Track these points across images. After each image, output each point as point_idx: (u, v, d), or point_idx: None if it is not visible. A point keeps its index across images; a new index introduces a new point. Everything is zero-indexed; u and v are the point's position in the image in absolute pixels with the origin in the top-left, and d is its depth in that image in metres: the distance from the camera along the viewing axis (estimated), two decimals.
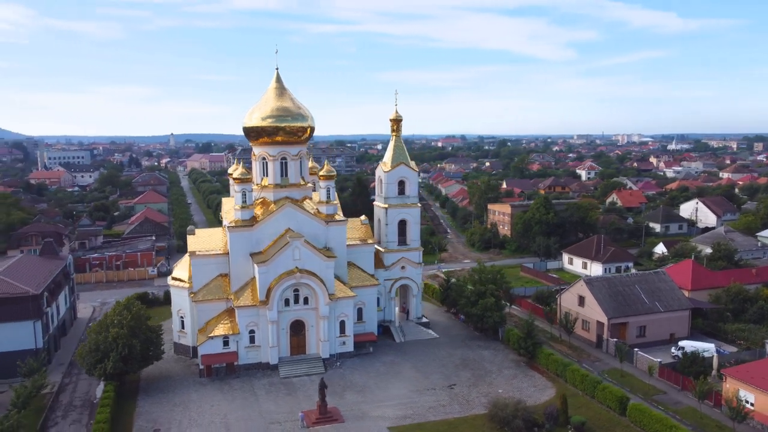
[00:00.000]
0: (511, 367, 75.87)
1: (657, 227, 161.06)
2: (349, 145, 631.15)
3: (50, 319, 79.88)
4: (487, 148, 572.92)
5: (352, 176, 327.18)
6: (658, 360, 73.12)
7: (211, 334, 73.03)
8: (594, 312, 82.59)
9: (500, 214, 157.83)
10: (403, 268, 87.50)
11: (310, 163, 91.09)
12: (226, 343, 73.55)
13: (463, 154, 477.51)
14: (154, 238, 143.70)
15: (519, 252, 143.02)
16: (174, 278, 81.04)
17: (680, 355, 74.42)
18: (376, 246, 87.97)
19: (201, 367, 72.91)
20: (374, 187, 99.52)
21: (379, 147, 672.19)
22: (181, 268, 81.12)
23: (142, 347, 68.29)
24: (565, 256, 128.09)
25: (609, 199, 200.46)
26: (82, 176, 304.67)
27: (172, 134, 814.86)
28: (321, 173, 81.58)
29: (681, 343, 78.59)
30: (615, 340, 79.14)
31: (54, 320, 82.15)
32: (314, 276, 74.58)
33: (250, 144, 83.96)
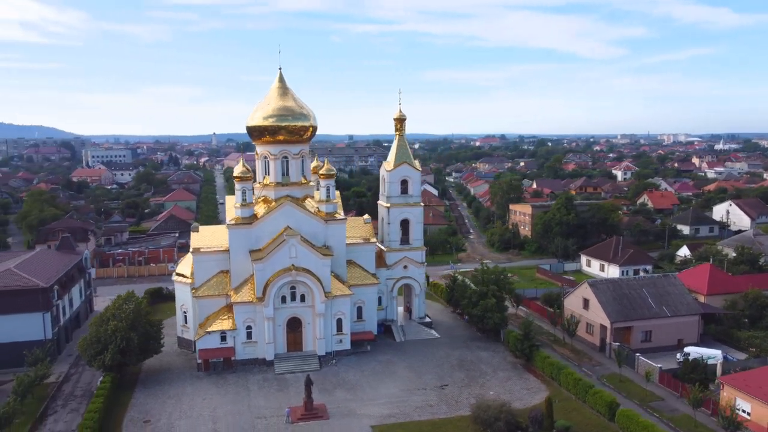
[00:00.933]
0: (507, 369, 74.98)
1: (686, 229, 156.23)
2: (386, 144, 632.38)
3: (61, 311, 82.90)
4: (526, 147, 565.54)
5: None
6: (659, 366, 71.07)
7: (209, 329, 74.59)
8: (598, 315, 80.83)
9: (521, 215, 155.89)
10: (405, 267, 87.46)
11: (316, 162, 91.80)
12: (223, 339, 74.99)
13: (500, 153, 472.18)
14: (177, 234, 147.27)
15: (538, 253, 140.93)
16: (178, 274, 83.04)
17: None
18: (379, 245, 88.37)
19: (199, 361, 74.52)
20: None
21: (416, 146, 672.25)
22: (185, 265, 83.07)
23: (140, 340, 70.03)
24: (583, 258, 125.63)
25: (640, 200, 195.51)
26: (122, 174, 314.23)
27: (214, 134, 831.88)
28: (321, 172, 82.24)
29: (687, 349, 76.25)
30: (617, 344, 77.28)
31: (66, 313, 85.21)
32: (310, 274, 75.30)
33: (254, 143, 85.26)
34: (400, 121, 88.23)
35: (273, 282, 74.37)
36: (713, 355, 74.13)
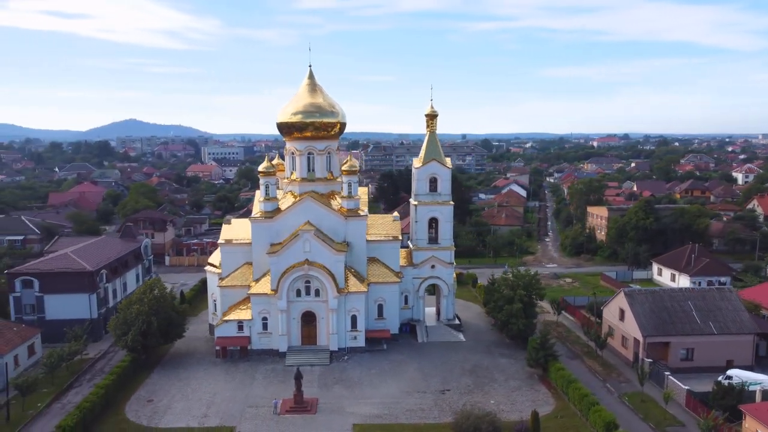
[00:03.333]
0: (521, 379, 70.90)
1: None
2: (495, 143, 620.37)
3: (110, 294, 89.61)
4: (648, 147, 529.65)
5: (479, 175, 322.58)
6: (686, 387, 63.93)
7: (226, 318, 77.41)
8: (632, 328, 74.25)
9: (598, 218, 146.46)
10: (433, 267, 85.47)
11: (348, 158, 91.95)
12: (240, 328, 77.48)
13: (613, 154, 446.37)
14: None
15: (611, 259, 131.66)
16: (210, 264, 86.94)
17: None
18: (409, 243, 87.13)
19: (217, 348, 77.53)
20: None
21: (528, 145, 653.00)
22: (216, 255, 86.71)
23: (161, 324, 74.02)
24: (655, 266, 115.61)
25: (749, 206, 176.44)
26: (230, 170, 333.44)
27: None
28: (343, 168, 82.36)
29: (730, 372, 67.84)
30: (650, 360, 70.48)
31: (117, 295, 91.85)
32: (323, 269, 75.75)
33: (284, 139, 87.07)
34: (432, 118, 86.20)
35: (286, 275, 75.69)
36: (760, 380, 65.43)
